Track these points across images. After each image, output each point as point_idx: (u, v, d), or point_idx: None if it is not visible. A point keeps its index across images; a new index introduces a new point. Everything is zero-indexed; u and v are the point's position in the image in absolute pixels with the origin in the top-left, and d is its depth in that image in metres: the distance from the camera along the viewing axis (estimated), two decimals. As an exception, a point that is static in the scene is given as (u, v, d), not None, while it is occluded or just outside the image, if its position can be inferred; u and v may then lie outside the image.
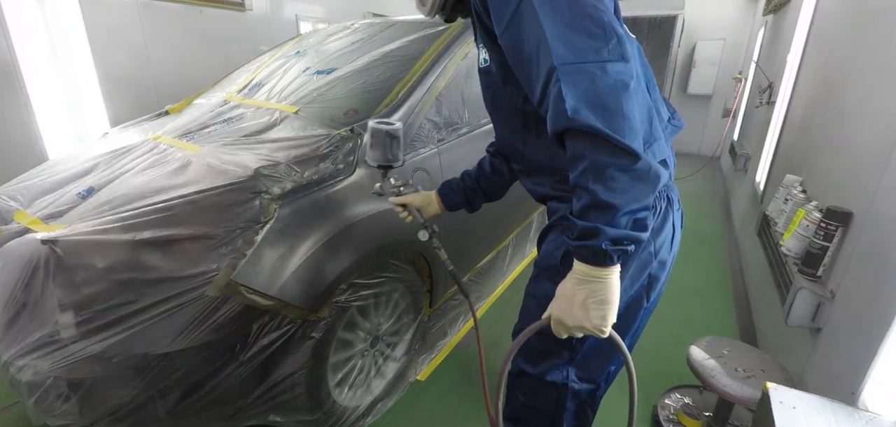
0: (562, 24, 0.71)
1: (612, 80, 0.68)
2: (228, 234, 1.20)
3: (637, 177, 0.69)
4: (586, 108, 0.67)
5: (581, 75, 0.69)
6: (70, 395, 1.13)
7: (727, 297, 2.74)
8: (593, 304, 0.75)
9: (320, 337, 1.37)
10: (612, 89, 0.68)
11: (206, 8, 3.91)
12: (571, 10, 0.71)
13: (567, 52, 0.70)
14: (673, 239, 0.98)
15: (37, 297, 1.18)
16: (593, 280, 0.74)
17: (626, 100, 0.68)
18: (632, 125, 0.68)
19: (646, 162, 0.69)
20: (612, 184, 0.68)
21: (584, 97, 0.68)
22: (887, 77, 1.43)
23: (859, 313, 1.21)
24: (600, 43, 0.70)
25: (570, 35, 0.70)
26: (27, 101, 2.92)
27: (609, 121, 0.67)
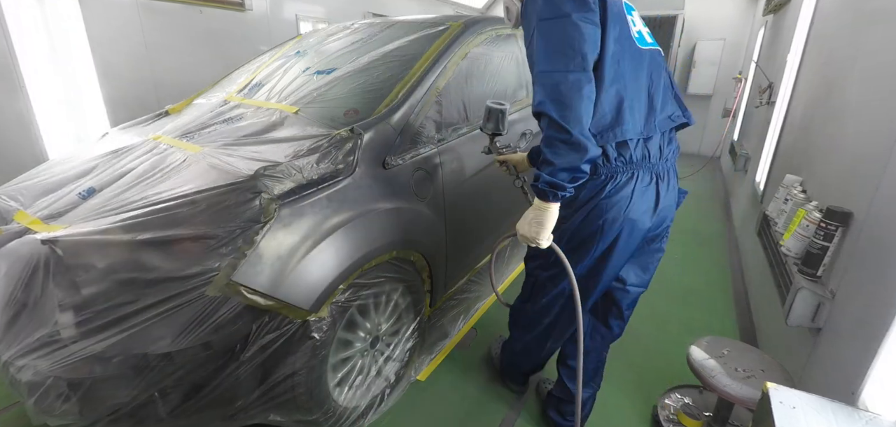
0: (548, 47, 1.11)
1: (569, 84, 1.06)
2: (228, 234, 1.20)
3: (571, 147, 1.06)
4: (548, 102, 1.07)
5: (548, 79, 1.08)
6: (70, 395, 1.13)
7: (727, 297, 2.74)
8: (535, 223, 1.18)
9: (320, 337, 1.37)
10: (567, 90, 1.05)
11: (206, 8, 3.91)
12: (556, 39, 1.09)
13: (546, 64, 1.10)
14: (629, 204, 1.24)
15: (37, 297, 1.18)
16: (538, 208, 1.17)
17: (574, 97, 1.05)
18: (576, 115, 1.05)
19: (577, 139, 1.05)
20: (555, 149, 1.08)
21: (548, 94, 1.08)
22: (887, 77, 1.43)
23: (859, 313, 1.21)
24: (568, 59, 1.07)
25: (550, 53, 1.10)
26: (27, 101, 2.92)
27: (560, 111, 1.05)
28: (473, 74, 2.10)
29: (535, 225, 1.17)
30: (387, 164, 1.61)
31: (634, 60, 1.19)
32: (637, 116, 1.19)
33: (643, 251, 1.42)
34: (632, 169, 1.23)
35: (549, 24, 1.09)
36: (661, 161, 1.26)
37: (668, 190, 1.30)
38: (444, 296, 2.11)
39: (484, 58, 2.18)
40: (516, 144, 2.38)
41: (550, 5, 1.10)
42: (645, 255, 1.43)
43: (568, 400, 1.66)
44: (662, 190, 1.27)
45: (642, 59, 1.21)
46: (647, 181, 1.25)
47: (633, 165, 1.22)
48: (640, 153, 1.22)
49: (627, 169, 1.22)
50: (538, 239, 1.17)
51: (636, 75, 1.19)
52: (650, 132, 1.22)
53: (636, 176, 1.23)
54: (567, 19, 1.07)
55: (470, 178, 2.02)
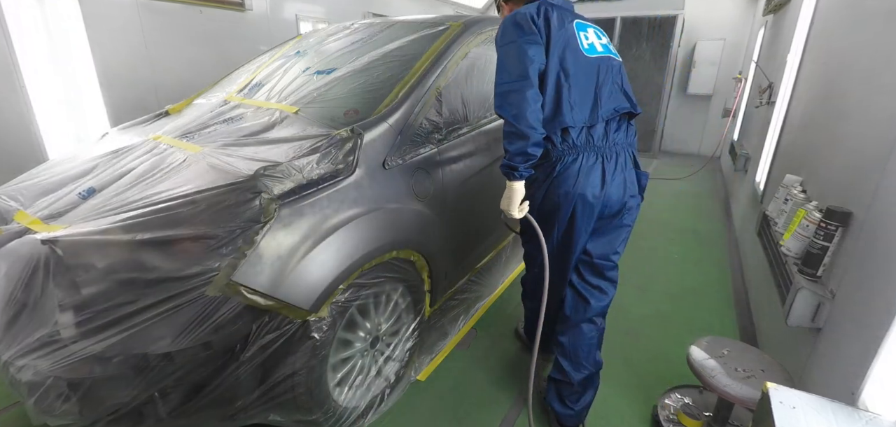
0: (501, 65, 1.43)
1: (515, 90, 1.37)
2: (228, 234, 1.20)
3: (518, 136, 1.37)
4: (502, 105, 1.40)
5: (501, 89, 1.40)
6: (70, 395, 1.13)
7: (727, 297, 2.74)
8: (505, 199, 1.48)
9: (320, 337, 1.37)
10: (513, 96, 1.37)
11: (206, 8, 3.91)
12: (507, 59, 1.41)
13: (499, 77, 1.42)
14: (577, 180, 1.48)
15: (37, 297, 1.18)
16: (507, 187, 1.47)
17: (519, 101, 1.36)
18: (520, 112, 1.36)
19: (520, 129, 1.36)
20: (508, 139, 1.40)
21: (500, 99, 1.40)
22: (887, 77, 1.43)
23: (859, 313, 1.21)
24: (514, 73, 1.38)
25: (502, 70, 1.42)
26: (27, 101, 2.92)
27: (509, 110, 1.38)
28: (473, 74, 2.10)
29: (506, 199, 1.48)
30: (387, 164, 1.61)
31: (580, 67, 1.47)
32: (578, 110, 1.46)
33: (607, 227, 1.59)
34: (576, 152, 1.48)
35: (505, 48, 1.42)
36: (608, 145, 1.50)
37: (617, 169, 1.51)
38: (444, 296, 2.11)
39: (484, 58, 2.18)
40: None
41: (505, 33, 1.43)
42: (610, 231, 1.60)
43: (565, 381, 1.68)
44: (608, 169, 1.49)
45: (590, 66, 1.49)
46: (592, 161, 1.49)
47: (577, 149, 1.48)
48: (583, 138, 1.48)
49: (571, 152, 1.49)
50: (509, 210, 1.47)
51: (578, 78, 1.46)
52: (593, 121, 1.48)
53: (581, 157, 1.48)
54: (515, 44, 1.39)
55: (470, 179, 2.02)
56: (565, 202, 1.51)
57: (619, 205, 1.55)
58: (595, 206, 1.51)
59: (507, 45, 1.41)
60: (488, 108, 2.21)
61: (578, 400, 1.69)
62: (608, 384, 1.90)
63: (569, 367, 1.67)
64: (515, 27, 1.41)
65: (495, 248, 2.53)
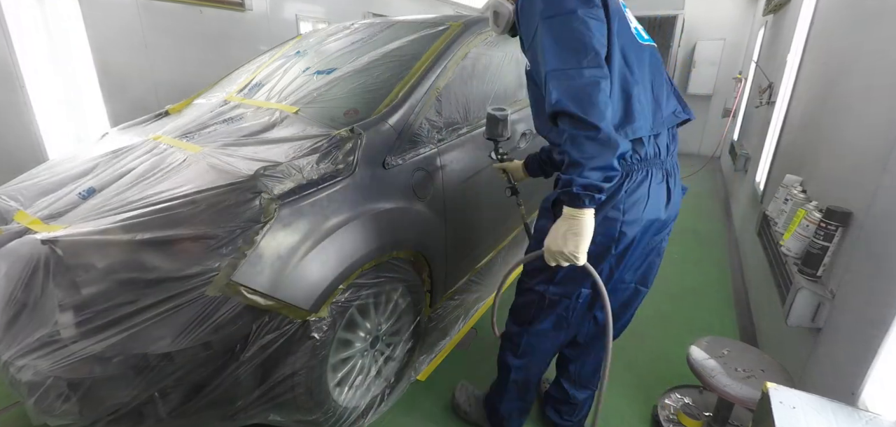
0: (556, 45, 1.05)
1: (586, 79, 1.00)
2: (228, 234, 1.20)
3: (600, 143, 0.99)
4: (566, 99, 1.01)
5: (564, 77, 1.02)
6: (70, 395, 1.13)
7: (727, 297, 2.74)
8: (570, 236, 1.06)
9: (320, 337, 1.37)
10: (586, 86, 1.00)
11: (206, 8, 3.91)
12: (564, 36, 1.05)
13: (557, 62, 1.04)
14: (647, 204, 1.20)
15: (37, 297, 1.18)
16: (572, 218, 1.06)
17: (595, 92, 0.99)
18: (599, 109, 0.99)
19: (606, 133, 0.99)
20: (582, 148, 1.00)
21: (565, 92, 1.01)
22: (887, 77, 1.43)
23: (859, 313, 1.21)
24: (581, 56, 1.02)
25: (560, 51, 1.04)
26: (27, 101, 2.92)
27: (581, 107, 0.99)
28: (473, 74, 2.10)
29: (572, 237, 1.05)
30: (387, 164, 1.61)
31: (638, 56, 1.16)
32: (646, 113, 1.16)
33: (648, 248, 1.35)
34: (646, 166, 1.18)
35: (554, 21, 1.05)
36: (669, 157, 1.24)
37: (676, 186, 1.28)
38: (444, 296, 2.11)
39: (484, 58, 2.18)
40: (516, 143, 2.37)
41: (553, 2, 1.05)
42: (651, 254, 1.37)
43: (565, 401, 1.66)
44: (672, 186, 1.25)
45: (643, 55, 1.18)
46: (659, 179, 1.21)
47: (647, 163, 1.18)
48: (652, 150, 1.18)
49: (642, 167, 1.18)
50: (577, 253, 1.05)
51: (641, 71, 1.16)
52: (658, 128, 1.19)
53: (650, 173, 1.19)
54: (573, 15, 1.03)
55: (470, 179, 2.02)
56: (629, 229, 1.19)
57: (670, 226, 1.34)
58: (660, 233, 1.28)
59: (560, 18, 1.04)
60: (488, 107, 2.21)
61: (577, 413, 1.68)
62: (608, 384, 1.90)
63: (572, 389, 1.62)
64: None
65: (495, 248, 2.53)
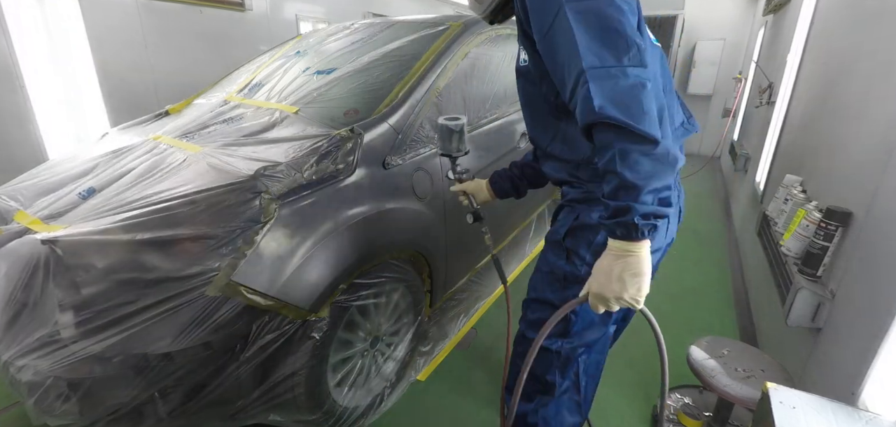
0: (590, 36, 0.82)
1: (631, 81, 0.79)
2: (228, 234, 1.20)
3: (657, 160, 0.79)
4: (611, 105, 0.78)
5: (606, 78, 0.80)
6: (70, 395, 1.13)
7: (727, 297, 2.74)
8: (629, 277, 0.84)
9: (320, 337, 1.37)
10: (632, 88, 0.79)
11: (206, 8, 3.91)
12: (599, 25, 0.82)
13: (594, 59, 0.81)
14: (668, 224, 1.11)
15: (37, 297, 1.17)
16: (627, 254, 0.84)
17: (645, 97, 0.79)
18: (651, 117, 0.78)
19: (664, 146, 0.79)
20: (637, 167, 0.79)
21: (609, 96, 0.79)
22: (887, 77, 1.43)
23: (859, 313, 1.21)
24: (622, 51, 0.81)
25: (597, 45, 0.81)
26: (27, 101, 2.92)
27: (630, 114, 0.77)
28: (473, 74, 2.10)
29: (632, 278, 0.84)
30: (387, 164, 1.61)
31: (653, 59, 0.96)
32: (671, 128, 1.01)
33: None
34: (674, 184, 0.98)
35: (584, 5, 0.83)
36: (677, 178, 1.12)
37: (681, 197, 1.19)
38: (444, 296, 2.11)
39: (484, 58, 2.17)
40: (516, 143, 2.36)
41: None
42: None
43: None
44: (682, 205, 1.19)
45: (656, 58, 1.02)
46: (677, 195, 1.12)
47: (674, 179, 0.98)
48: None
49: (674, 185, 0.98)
50: (639, 296, 0.86)
51: (663, 74, 1.02)
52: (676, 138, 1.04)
53: (675, 191, 1.03)
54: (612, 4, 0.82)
55: (470, 178, 2.02)
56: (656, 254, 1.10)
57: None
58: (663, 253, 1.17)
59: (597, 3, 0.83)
60: (488, 107, 2.20)
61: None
62: (608, 384, 1.90)
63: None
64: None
65: (495, 248, 2.53)
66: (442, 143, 1.41)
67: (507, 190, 1.45)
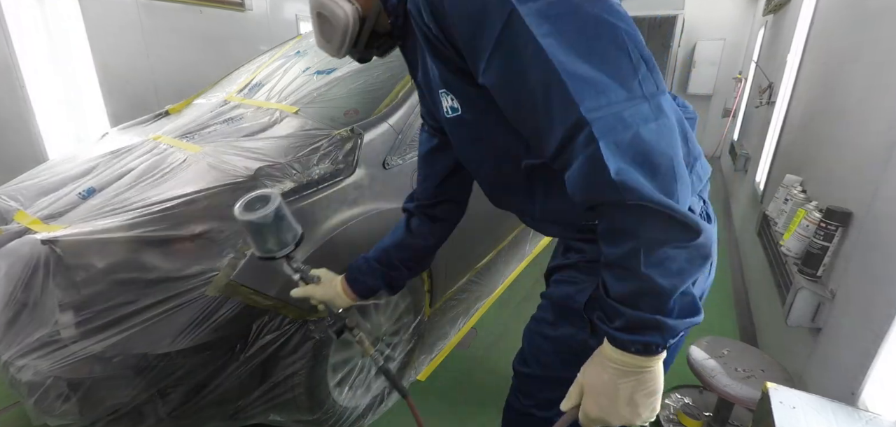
0: (574, 54, 0.53)
1: (654, 125, 0.52)
2: (228, 235, 1.20)
3: (696, 253, 0.55)
4: (634, 169, 0.51)
5: (620, 126, 0.52)
6: (70, 395, 1.13)
7: (727, 297, 2.74)
8: (642, 398, 0.62)
9: (320, 337, 1.37)
10: (659, 139, 0.52)
11: (206, 8, 3.91)
12: (584, 32, 0.54)
13: (593, 94, 0.52)
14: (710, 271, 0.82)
15: (37, 297, 1.17)
16: (640, 371, 0.61)
17: (676, 150, 0.53)
18: (685, 184, 0.54)
19: (706, 236, 0.55)
20: (670, 265, 0.55)
21: (628, 154, 0.51)
22: (887, 77, 1.43)
23: (859, 313, 1.21)
24: (628, 74, 0.53)
25: (590, 69, 0.53)
26: (27, 101, 2.92)
27: (663, 184, 0.52)
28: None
29: (645, 398, 0.63)
30: (387, 164, 1.61)
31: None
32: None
33: None
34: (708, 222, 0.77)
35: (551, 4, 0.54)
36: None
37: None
38: (444, 296, 2.11)
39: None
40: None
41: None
42: None
43: None
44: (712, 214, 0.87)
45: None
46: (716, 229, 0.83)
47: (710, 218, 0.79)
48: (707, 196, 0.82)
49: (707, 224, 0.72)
50: (654, 414, 0.65)
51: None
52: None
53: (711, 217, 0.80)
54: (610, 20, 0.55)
55: (470, 178, 2.02)
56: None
57: None
58: None
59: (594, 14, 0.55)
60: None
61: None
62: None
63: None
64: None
65: (495, 248, 2.53)
66: (256, 243, 0.91)
67: (376, 286, 1.03)
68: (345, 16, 0.72)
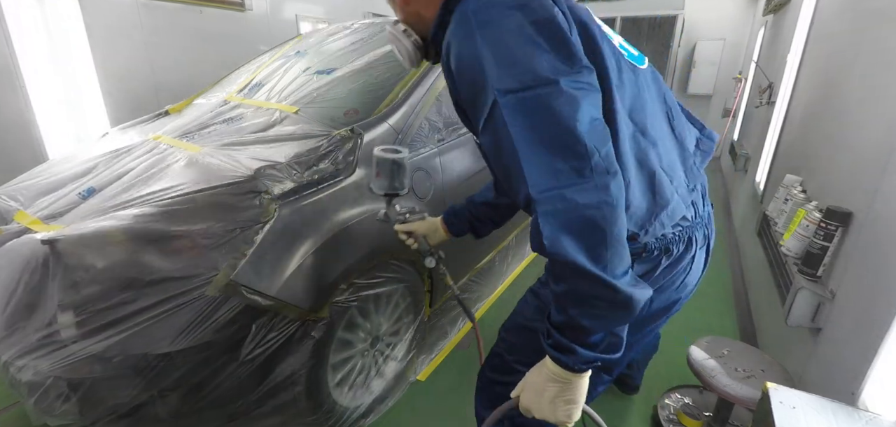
0: (537, 142, 0.67)
1: (591, 201, 0.64)
2: (228, 234, 1.20)
3: (617, 305, 0.68)
4: (566, 238, 0.65)
5: (560, 202, 0.65)
6: (70, 395, 1.13)
7: (727, 297, 2.74)
8: (561, 403, 0.78)
9: (320, 337, 1.37)
10: (595, 215, 0.65)
11: (206, 8, 3.91)
12: (544, 127, 0.67)
13: (543, 178, 0.66)
14: (686, 276, 0.97)
15: (37, 297, 1.18)
16: (564, 381, 0.77)
17: (613, 223, 0.65)
18: (617, 251, 0.66)
19: (626, 294, 0.67)
20: (592, 311, 0.70)
21: (564, 226, 0.65)
22: (887, 77, 1.43)
23: (859, 313, 1.21)
24: (581, 162, 0.65)
25: (547, 156, 0.66)
26: (27, 101, 2.92)
27: (591, 252, 0.65)
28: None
29: (564, 404, 0.77)
30: (387, 164, 1.61)
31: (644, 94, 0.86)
32: (678, 173, 0.89)
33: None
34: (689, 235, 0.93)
35: (525, 101, 0.67)
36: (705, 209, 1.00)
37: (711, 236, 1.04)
38: (444, 296, 2.11)
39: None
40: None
41: (512, 66, 0.68)
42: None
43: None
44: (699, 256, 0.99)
45: (645, 83, 0.88)
46: (701, 238, 0.97)
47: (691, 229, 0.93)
48: (692, 212, 0.93)
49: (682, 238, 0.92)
50: (569, 422, 0.79)
51: (654, 119, 0.86)
52: (693, 181, 0.93)
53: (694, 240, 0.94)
54: (554, 90, 0.66)
55: (470, 178, 2.01)
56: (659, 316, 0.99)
57: None
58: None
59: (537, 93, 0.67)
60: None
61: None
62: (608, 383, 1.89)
63: None
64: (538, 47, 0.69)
65: (495, 248, 2.53)
66: (380, 179, 1.19)
67: (464, 229, 1.30)
68: (407, 49, 1.01)
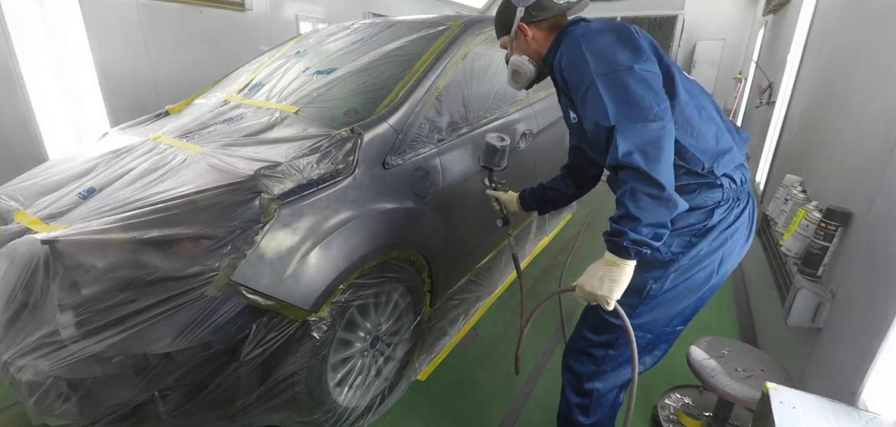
0: (615, 100, 1.02)
1: (652, 133, 0.97)
2: (228, 234, 1.20)
3: (661, 203, 0.96)
4: (636, 152, 0.96)
5: (631, 131, 0.98)
6: (70, 395, 1.13)
7: (727, 297, 2.74)
8: (607, 280, 1.03)
9: (320, 337, 1.37)
10: (654, 140, 0.97)
11: (206, 8, 3.91)
12: (623, 92, 1.02)
13: (620, 116, 1.00)
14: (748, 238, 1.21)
15: (37, 297, 1.18)
16: (613, 264, 1.03)
17: (662, 148, 0.96)
18: (665, 166, 0.96)
19: (668, 193, 0.96)
20: (641, 204, 0.97)
21: (635, 142, 0.97)
22: (887, 77, 1.43)
23: (859, 313, 1.21)
24: (648, 108, 0.99)
25: (621, 106, 1.01)
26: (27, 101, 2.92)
27: (649, 162, 0.95)
28: (473, 74, 2.10)
29: (609, 282, 1.03)
30: (387, 164, 1.61)
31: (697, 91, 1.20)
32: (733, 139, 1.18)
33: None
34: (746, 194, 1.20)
35: (610, 77, 1.03)
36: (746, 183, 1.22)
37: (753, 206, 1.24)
38: (443, 296, 2.11)
39: (484, 58, 2.17)
40: (516, 144, 2.37)
41: (604, 60, 1.06)
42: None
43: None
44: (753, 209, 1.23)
45: (702, 91, 1.22)
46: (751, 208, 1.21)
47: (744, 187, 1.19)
48: (740, 176, 1.17)
49: (742, 196, 1.18)
50: (610, 297, 1.03)
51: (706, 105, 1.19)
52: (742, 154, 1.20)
53: (749, 201, 1.20)
54: (629, 72, 1.02)
55: (470, 178, 2.01)
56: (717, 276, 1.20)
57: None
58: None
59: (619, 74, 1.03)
60: (488, 108, 2.20)
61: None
62: (608, 384, 1.89)
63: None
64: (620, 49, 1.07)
65: (495, 248, 2.53)
66: (486, 156, 1.63)
67: (532, 205, 1.67)
68: (529, 72, 1.32)
